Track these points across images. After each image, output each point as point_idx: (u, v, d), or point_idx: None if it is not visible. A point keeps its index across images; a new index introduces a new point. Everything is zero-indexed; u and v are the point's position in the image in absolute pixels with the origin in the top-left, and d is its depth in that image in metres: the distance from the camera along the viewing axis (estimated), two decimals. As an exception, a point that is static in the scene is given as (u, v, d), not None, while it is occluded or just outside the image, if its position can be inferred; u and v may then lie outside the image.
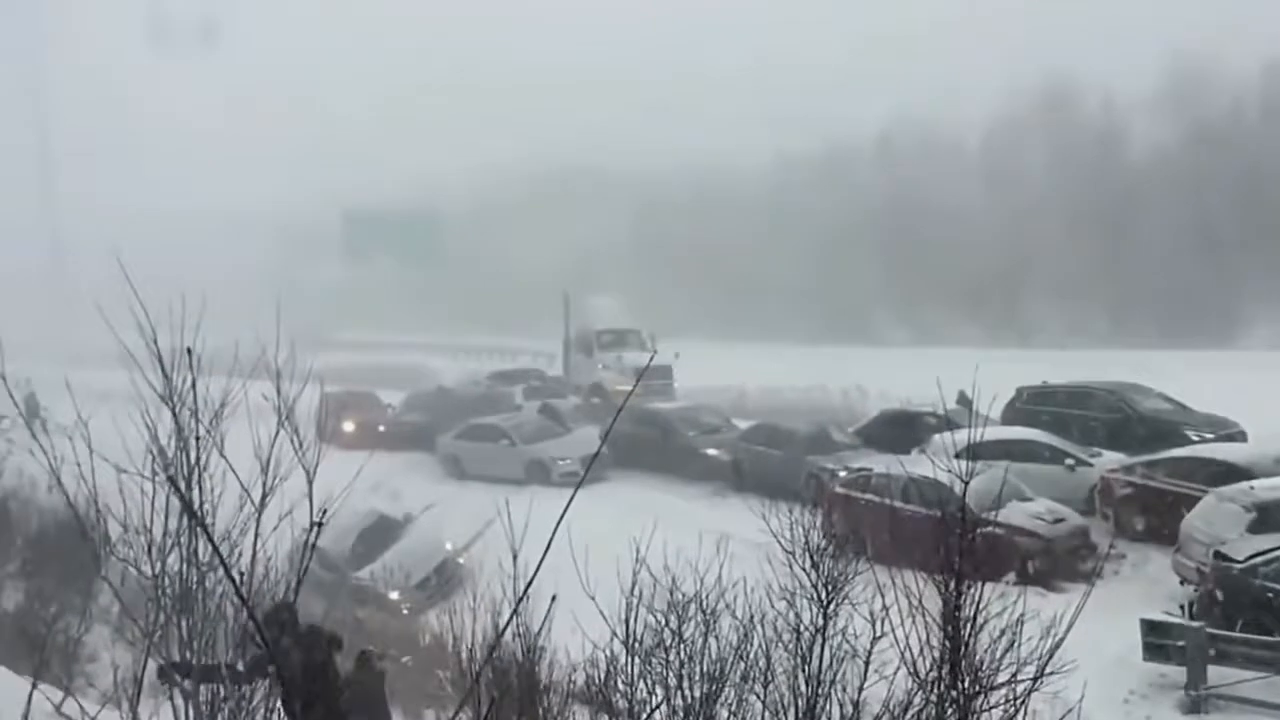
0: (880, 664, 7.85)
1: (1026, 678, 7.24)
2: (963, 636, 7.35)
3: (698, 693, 8.22)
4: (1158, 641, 14.34)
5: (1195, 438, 22.03)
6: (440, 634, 14.79)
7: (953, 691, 7.33)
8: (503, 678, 8.27)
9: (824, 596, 8.37)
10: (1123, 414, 23.55)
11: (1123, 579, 18.44)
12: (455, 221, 63.67)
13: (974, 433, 9.77)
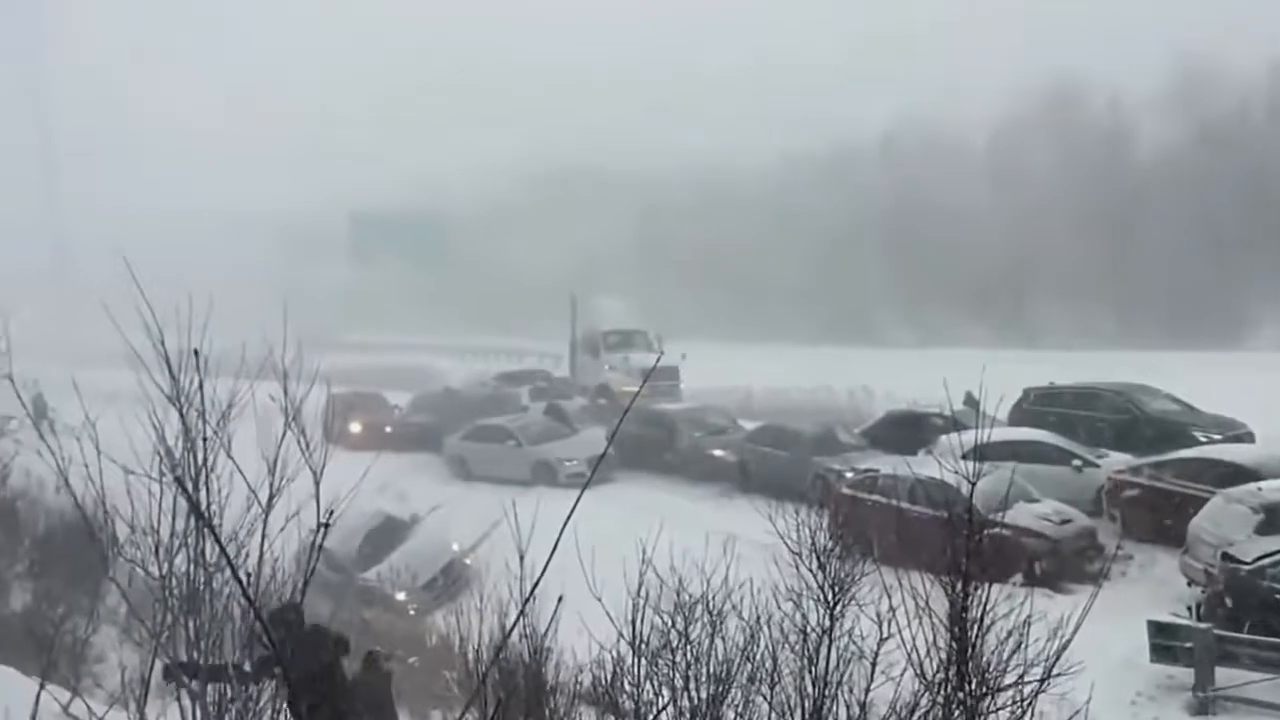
0: (887, 665, 7.85)
1: (1033, 679, 7.23)
2: (969, 638, 7.35)
3: (704, 694, 8.21)
4: (1165, 643, 14.33)
5: (1203, 439, 21.97)
6: (447, 635, 14.84)
7: (960, 693, 7.32)
8: (509, 678, 8.28)
9: (830, 598, 8.36)
10: (1130, 415, 23.50)
11: (1130, 580, 18.43)
12: (459, 223, 63.70)
13: (981, 434, 9.72)
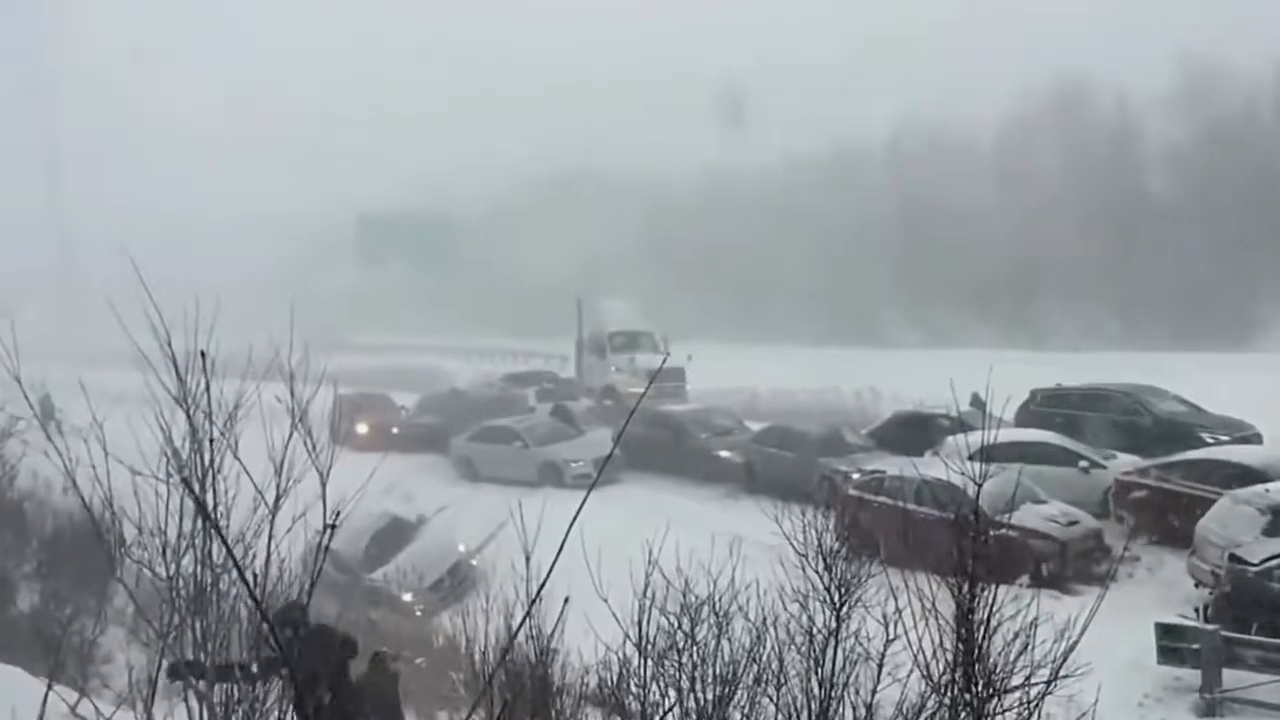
0: (893, 667, 7.84)
1: (1040, 681, 7.21)
2: (976, 639, 7.33)
3: (710, 695, 8.22)
4: (1172, 645, 14.30)
5: (1210, 440, 21.92)
6: (453, 636, 14.79)
7: (966, 695, 7.31)
8: (516, 680, 8.28)
9: (837, 599, 8.37)
10: (1137, 416, 23.46)
11: (1137, 582, 18.39)
12: (464, 224, 63.72)
13: (987, 435, 9.71)
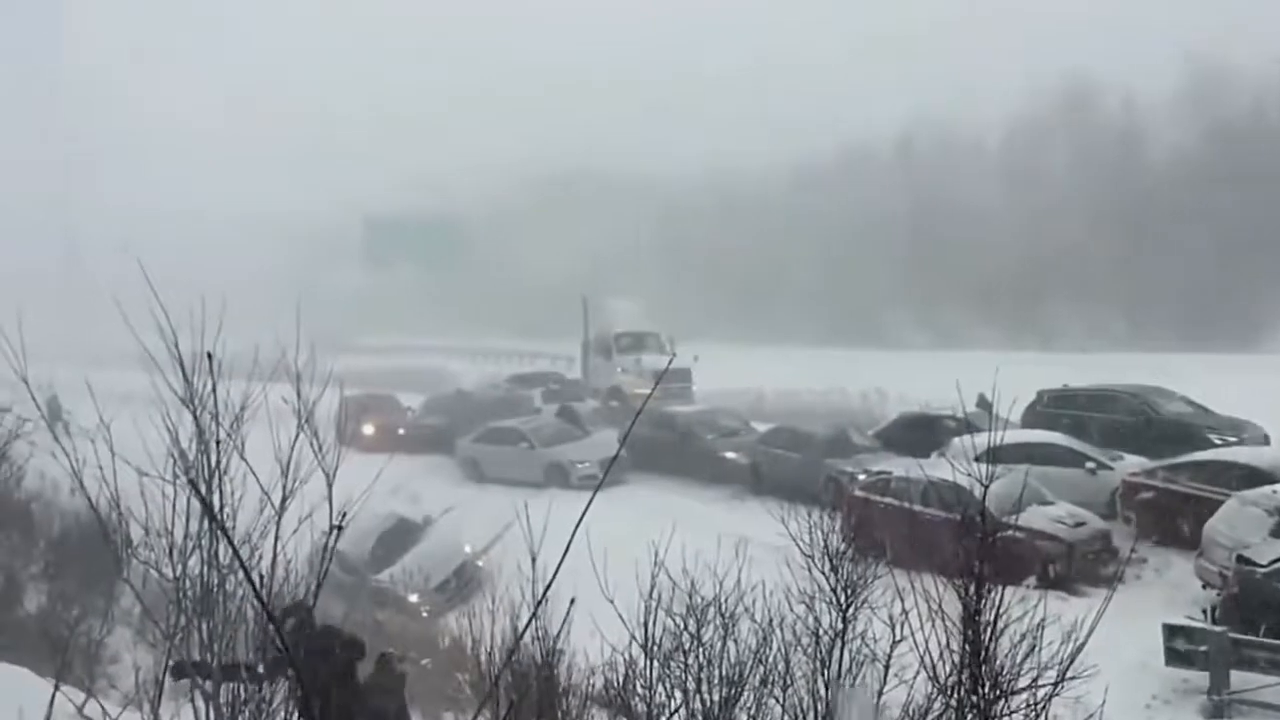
0: (900, 668, 7.84)
1: (1047, 682, 7.19)
2: (983, 641, 7.30)
3: (716, 696, 8.21)
4: (1180, 646, 14.26)
5: (1218, 441, 21.87)
6: (459, 636, 14.82)
7: (973, 696, 7.29)
8: (522, 680, 8.27)
9: (843, 600, 8.36)
10: (1144, 417, 23.40)
11: (1144, 583, 18.36)
12: (468, 225, 63.79)
13: (994, 436, 9.68)
